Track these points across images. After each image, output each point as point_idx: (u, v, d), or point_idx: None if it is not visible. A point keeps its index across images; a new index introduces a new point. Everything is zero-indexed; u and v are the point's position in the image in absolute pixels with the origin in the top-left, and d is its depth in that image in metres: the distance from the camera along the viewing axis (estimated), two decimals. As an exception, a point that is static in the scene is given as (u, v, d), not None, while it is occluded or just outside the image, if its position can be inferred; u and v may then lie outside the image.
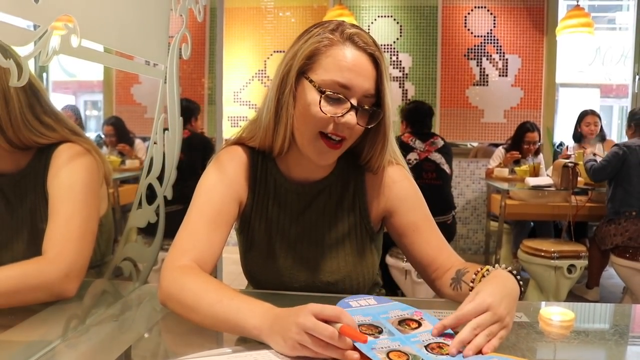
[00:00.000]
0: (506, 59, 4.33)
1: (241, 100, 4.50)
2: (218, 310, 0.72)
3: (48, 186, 0.94)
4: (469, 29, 4.33)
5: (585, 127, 3.82)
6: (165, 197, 1.09)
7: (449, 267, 0.92)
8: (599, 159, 3.08)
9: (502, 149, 3.88)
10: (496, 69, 4.33)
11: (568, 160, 3.27)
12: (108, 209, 1.06)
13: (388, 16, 4.37)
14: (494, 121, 4.36)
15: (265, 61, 4.47)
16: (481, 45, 4.33)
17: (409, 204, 0.97)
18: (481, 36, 4.33)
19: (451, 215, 2.95)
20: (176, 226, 0.90)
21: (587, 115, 3.85)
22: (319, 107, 0.82)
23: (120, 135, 3.58)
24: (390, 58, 4.37)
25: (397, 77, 4.38)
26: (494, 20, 4.32)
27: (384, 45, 4.36)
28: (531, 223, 3.75)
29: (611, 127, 7.53)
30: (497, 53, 4.32)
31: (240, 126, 1.00)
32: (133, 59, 0.96)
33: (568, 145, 4.01)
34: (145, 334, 0.85)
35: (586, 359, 0.77)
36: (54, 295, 0.85)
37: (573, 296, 3.22)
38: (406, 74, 4.38)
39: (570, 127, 4.00)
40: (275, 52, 4.45)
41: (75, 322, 0.84)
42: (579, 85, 7.20)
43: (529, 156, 3.77)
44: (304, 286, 0.97)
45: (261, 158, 0.97)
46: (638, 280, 2.79)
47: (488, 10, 4.33)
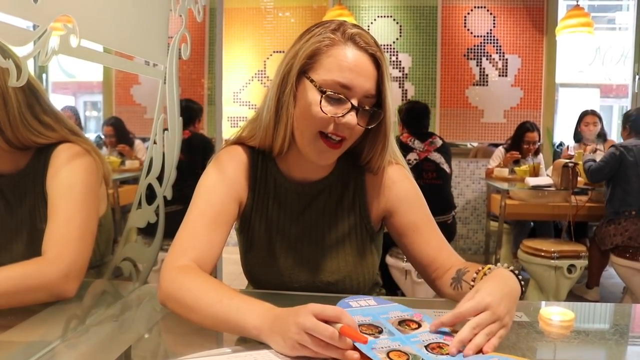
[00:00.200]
0: (506, 59, 4.33)
1: (241, 101, 4.50)
2: (218, 310, 0.72)
3: (47, 186, 0.93)
4: (468, 29, 4.33)
5: (585, 127, 3.82)
6: (165, 197, 1.09)
7: (449, 267, 0.92)
8: (598, 158, 3.08)
9: (502, 148, 3.87)
10: (496, 69, 4.33)
11: (568, 160, 3.27)
12: (107, 209, 1.06)
13: (388, 16, 4.38)
14: (493, 121, 4.36)
15: (264, 61, 4.47)
16: (481, 45, 4.33)
17: (409, 203, 0.97)
18: (481, 36, 4.33)
19: (451, 215, 2.95)
20: (176, 226, 0.90)
21: (587, 115, 3.85)
22: (320, 107, 0.82)
23: (120, 136, 3.58)
24: (390, 58, 4.37)
25: (397, 77, 4.38)
26: (494, 20, 4.32)
27: (384, 45, 4.36)
28: (531, 223, 3.75)
29: (611, 127, 7.52)
30: (497, 53, 4.33)
31: (240, 126, 1.00)
32: (133, 59, 0.96)
33: (569, 145, 4.01)
34: (145, 334, 0.85)
35: (586, 358, 0.77)
36: (54, 296, 0.85)
37: (573, 296, 3.22)
38: (406, 74, 4.38)
39: (570, 127, 4.00)
40: (274, 53, 4.45)
41: (75, 323, 0.83)
42: (579, 85, 7.19)
43: (529, 156, 3.76)
44: (304, 286, 0.97)
45: (261, 158, 0.97)
46: (638, 280, 2.78)
47: (488, 10, 4.33)
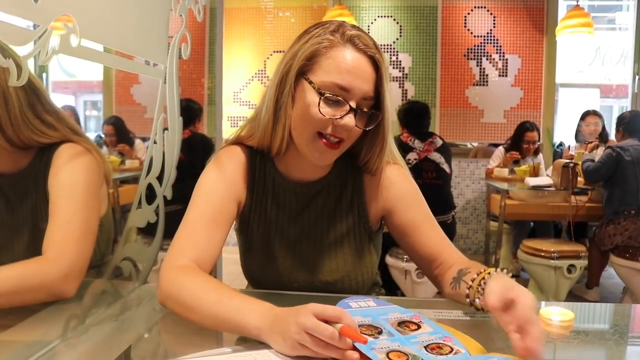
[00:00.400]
0: (506, 59, 4.33)
1: (241, 101, 4.50)
2: (218, 310, 0.72)
3: (49, 186, 0.93)
4: (468, 29, 4.33)
5: (586, 127, 3.81)
6: (165, 197, 1.09)
7: (452, 264, 0.91)
8: (597, 158, 3.08)
9: (502, 148, 3.87)
10: (496, 69, 4.33)
11: (568, 160, 3.26)
12: (108, 209, 1.06)
13: (388, 16, 4.37)
14: (493, 121, 4.36)
15: (265, 61, 4.47)
16: (481, 46, 4.33)
17: (408, 202, 0.96)
18: (481, 36, 4.33)
19: (451, 215, 2.95)
20: (176, 226, 0.90)
21: (589, 115, 3.84)
22: (318, 109, 0.82)
23: (120, 135, 3.58)
24: (390, 58, 4.37)
25: (397, 77, 4.38)
26: (494, 20, 4.32)
27: (384, 45, 4.36)
28: (531, 223, 3.75)
29: (611, 128, 7.51)
30: (497, 53, 4.33)
31: (240, 126, 1.00)
32: (133, 58, 0.96)
33: (570, 145, 4.00)
34: (145, 334, 0.85)
35: (586, 359, 0.77)
36: (54, 296, 0.85)
37: (573, 296, 3.22)
38: (406, 74, 4.38)
39: (570, 127, 3.99)
40: (275, 52, 4.45)
41: (74, 322, 0.83)
42: (579, 85, 7.19)
43: (529, 156, 3.76)
44: (303, 286, 0.97)
45: (259, 158, 0.97)
46: (638, 280, 2.79)
47: (488, 11, 4.33)
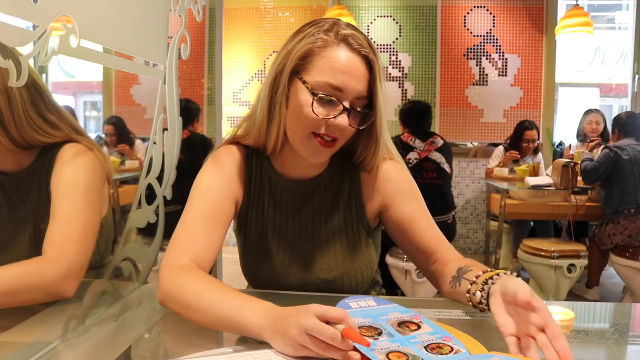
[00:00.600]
0: (505, 59, 4.33)
1: (241, 101, 4.50)
2: (219, 309, 0.72)
3: (51, 185, 0.93)
4: (468, 29, 4.33)
5: (588, 126, 3.80)
6: (164, 197, 1.09)
7: (448, 261, 0.91)
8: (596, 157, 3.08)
9: (502, 148, 3.87)
10: (496, 69, 4.33)
11: (567, 160, 3.26)
12: (109, 210, 1.06)
13: (387, 16, 4.37)
14: (493, 121, 4.36)
15: (264, 61, 4.47)
16: (480, 45, 4.33)
17: (405, 197, 0.96)
18: (480, 36, 4.33)
19: (451, 215, 2.95)
20: (175, 226, 0.90)
21: (591, 113, 3.84)
22: (312, 109, 0.82)
23: (120, 135, 3.58)
24: (390, 58, 4.37)
25: (397, 77, 4.38)
26: (494, 19, 4.32)
27: (383, 45, 4.36)
28: (531, 223, 3.75)
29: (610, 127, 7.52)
30: (497, 53, 4.33)
31: (236, 124, 1.00)
32: (132, 59, 0.96)
33: (571, 144, 4.00)
34: (145, 334, 0.85)
35: (586, 358, 0.77)
36: (53, 296, 0.85)
37: (573, 296, 3.22)
38: (405, 74, 4.38)
39: (569, 127, 3.99)
40: (274, 52, 4.43)
41: (75, 323, 0.83)
42: (579, 84, 7.20)
43: (528, 155, 3.77)
44: (303, 284, 0.97)
45: (256, 157, 0.97)
46: (638, 279, 2.79)
47: (487, 10, 4.33)
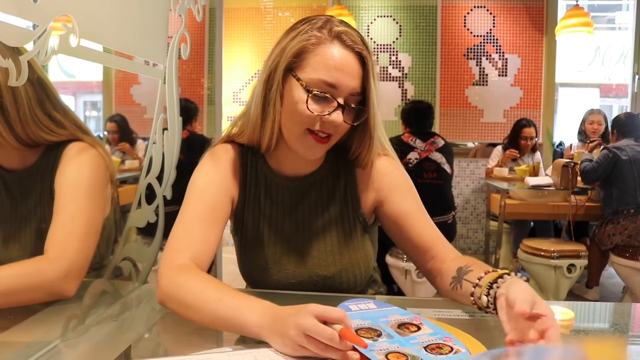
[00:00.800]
0: (506, 59, 4.33)
1: (240, 101, 4.50)
2: (218, 309, 0.72)
3: (55, 184, 0.93)
4: (468, 29, 4.33)
5: (590, 126, 3.80)
6: (164, 197, 1.09)
7: (445, 258, 0.91)
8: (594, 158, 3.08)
9: (500, 147, 3.88)
10: (496, 69, 4.33)
11: (567, 160, 3.26)
12: (111, 211, 1.05)
13: (387, 16, 4.37)
14: (493, 121, 4.36)
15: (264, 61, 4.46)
16: (481, 45, 4.33)
17: (400, 192, 0.97)
18: (481, 36, 4.33)
19: (451, 215, 2.95)
20: (173, 225, 0.90)
21: (592, 114, 3.83)
22: (306, 106, 0.83)
23: (123, 133, 3.56)
24: (390, 58, 4.37)
25: (397, 77, 4.38)
26: (494, 20, 4.32)
27: (383, 45, 4.36)
28: (531, 223, 3.75)
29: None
30: (497, 53, 4.33)
31: (231, 122, 1.00)
32: (132, 58, 0.96)
33: (572, 144, 4.00)
34: (145, 334, 0.85)
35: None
36: (53, 295, 0.85)
37: (573, 296, 3.22)
38: (405, 74, 4.38)
39: (569, 127, 3.99)
40: (274, 52, 4.44)
41: (74, 322, 0.83)
42: (579, 85, 7.20)
43: (527, 153, 3.77)
44: (301, 281, 0.97)
45: (251, 155, 0.98)
46: (638, 279, 2.78)
47: (487, 10, 4.33)
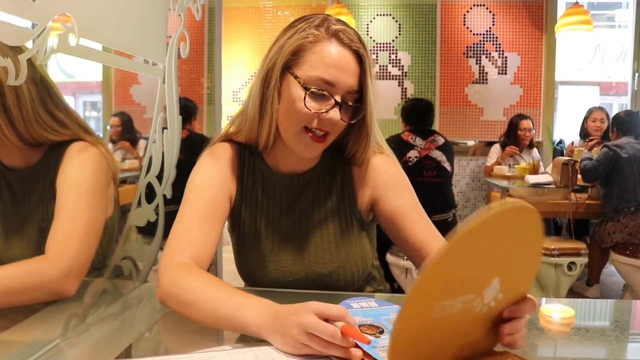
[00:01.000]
0: (505, 57, 4.32)
1: (240, 100, 4.50)
2: (218, 307, 0.72)
3: (57, 183, 0.93)
4: (468, 27, 4.33)
5: (592, 123, 3.78)
6: (164, 196, 1.09)
7: None
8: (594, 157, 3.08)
9: (498, 145, 3.88)
10: (495, 67, 4.33)
11: (567, 158, 3.26)
12: (114, 211, 1.05)
13: (387, 15, 4.37)
14: (493, 119, 4.36)
15: (262, 59, 4.46)
16: (480, 43, 4.32)
17: (396, 189, 0.97)
18: (480, 34, 4.32)
19: (452, 213, 2.95)
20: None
21: (595, 111, 3.82)
22: (304, 103, 0.83)
23: (125, 128, 3.55)
24: (389, 56, 4.36)
25: (396, 76, 4.37)
26: (493, 18, 4.32)
27: (383, 43, 4.36)
28: (531, 221, 3.74)
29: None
30: (497, 51, 4.32)
31: (229, 121, 1.00)
32: (132, 58, 0.96)
33: (574, 142, 3.99)
34: (146, 333, 0.85)
35: (587, 355, 0.77)
36: (54, 295, 0.85)
37: (573, 293, 3.22)
38: (405, 73, 4.37)
39: (569, 125, 3.99)
40: (274, 51, 4.44)
41: (75, 321, 0.83)
42: (579, 83, 7.20)
43: (525, 147, 3.78)
44: (299, 279, 0.97)
45: (248, 153, 0.98)
46: (638, 277, 2.78)
47: (487, 8, 4.32)
